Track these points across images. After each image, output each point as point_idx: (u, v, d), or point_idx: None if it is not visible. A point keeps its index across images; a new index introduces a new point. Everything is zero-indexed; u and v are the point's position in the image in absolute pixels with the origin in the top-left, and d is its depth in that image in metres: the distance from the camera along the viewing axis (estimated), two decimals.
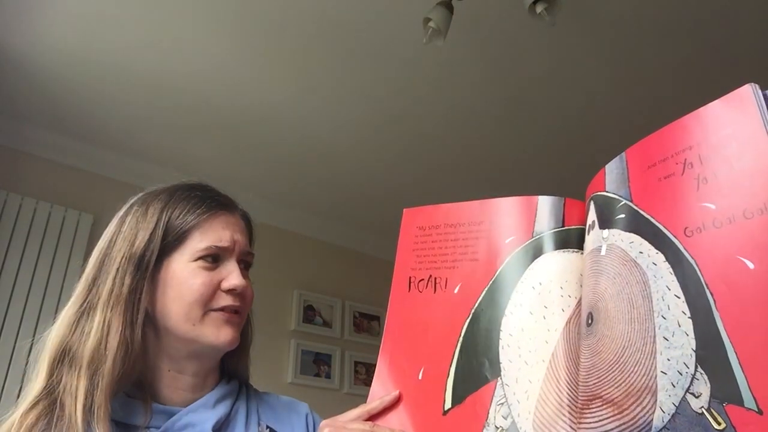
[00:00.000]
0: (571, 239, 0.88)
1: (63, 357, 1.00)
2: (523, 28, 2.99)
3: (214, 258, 1.08)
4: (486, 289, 0.91)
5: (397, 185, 4.49)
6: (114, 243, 1.09)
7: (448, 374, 0.90)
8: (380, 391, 0.96)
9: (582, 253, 0.85)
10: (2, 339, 3.38)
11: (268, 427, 1.14)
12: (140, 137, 3.98)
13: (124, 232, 1.09)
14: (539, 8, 2.45)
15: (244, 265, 1.15)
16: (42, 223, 3.74)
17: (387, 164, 4.27)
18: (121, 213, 1.14)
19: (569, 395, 0.78)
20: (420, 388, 0.92)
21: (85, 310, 1.04)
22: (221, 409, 1.08)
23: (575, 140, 3.94)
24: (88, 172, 4.07)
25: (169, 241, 1.08)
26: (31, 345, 1.09)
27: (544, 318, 0.84)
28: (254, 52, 3.24)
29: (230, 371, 1.19)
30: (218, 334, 1.05)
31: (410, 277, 1.00)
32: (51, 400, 0.97)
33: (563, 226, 0.89)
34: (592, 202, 0.84)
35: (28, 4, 2.93)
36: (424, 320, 0.96)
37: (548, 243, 0.88)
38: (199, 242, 1.08)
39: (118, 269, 1.05)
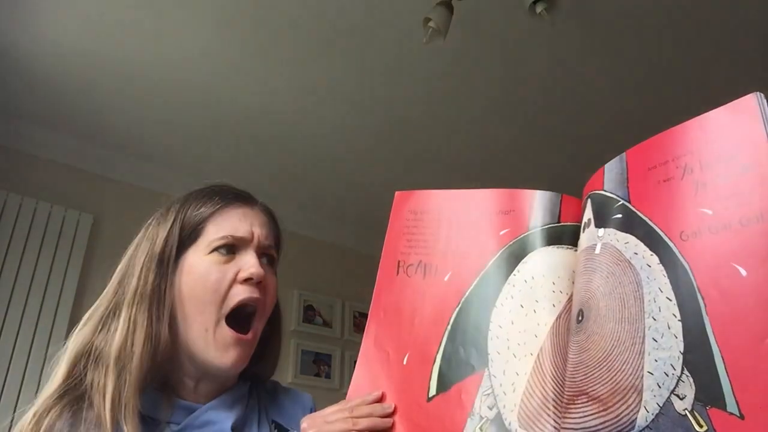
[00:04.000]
0: (565, 235, 0.88)
1: (88, 356, 1.00)
2: (523, 28, 2.99)
3: (229, 249, 1.07)
4: (477, 279, 0.91)
5: (398, 185, 4.40)
6: (139, 246, 1.10)
7: (434, 361, 0.89)
8: (364, 375, 0.96)
9: (575, 250, 0.86)
10: (2, 339, 3.37)
11: (273, 421, 1.14)
12: (140, 137, 3.96)
13: (147, 234, 1.10)
14: (539, 8, 2.47)
15: (267, 260, 1.12)
16: (42, 223, 3.71)
17: (388, 164, 4.27)
18: (147, 222, 1.14)
19: (554, 390, 0.78)
20: (404, 373, 0.92)
21: (111, 310, 1.04)
22: (238, 409, 1.07)
23: (574, 140, 3.95)
24: (88, 172, 4.05)
25: (186, 235, 1.08)
26: (31, 345, 1.08)
27: (535, 312, 0.84)
28: (254, 51, 3.24)
29: (253, 373, 1.17)
30: (223, 356, 1.03)
31: (399, 261, 1.00)
32: (77, 395, 0.97)
33: (558, 222, 0.89)
34: (589, 200, 0.85)
35: (28, 4, 2.92)
36: (412, 306, 0.95)
37: (542, 238, 0.89)
38: (214, 233, 1.07)
39: (142, 268, 1.05)
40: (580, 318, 0.78)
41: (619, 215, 0.78)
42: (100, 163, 4.08)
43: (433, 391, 0.88)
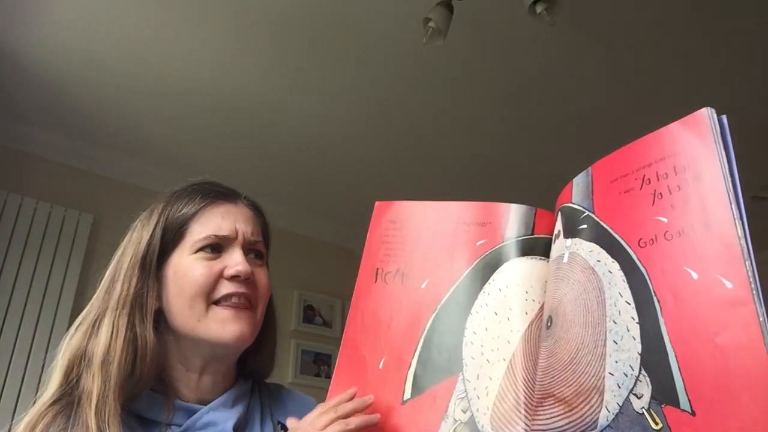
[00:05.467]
0: (538, 247, 0.91)
1: (80, 361, 1.01)
2: (523, 28, 3.00)
3: (214, 248, 1.07)
4: (454, 287, 0.94)
5: (398, 186, 4.49)
6: (125, 251, 1.11)
7: (410, 366, 0.92)
8: (341, 378, 0.99)
9: (548, 261, 0.89)
10: (2, 339, 3.38)
11: (279, 422, 1.14)
12: (140, 137, 3.98)
13: (132, 238, 1.11)
14: (539, 8, 2.47)
15: (255, 255, 1.12)
16: (42, 223, 3.73)
17: (387, 164, 4.28)
18: (133, 224, 1.15)
19: (526, 393, 0.81)
20: (380, 377, 0.95)
21: (99, 316, 1.05)
22: (240, 408, 1.08)
23: (573, 140, 3.96)
24: (88, 172, 4.07)
25: (170, 238, 1.08)
26: (31, 345, 1.10)
27: (508, 319, 0.88)
28: (254, 51, 3.26)
29: (252, 369, 1.18)
30: (224, 329, 1.03)
31: (378, 269, 1.03)
32: (70, 400, 0.98)
33: (532, 234, 0.93)
34: (559, 213, 0.89)
35: (28, 4, 2.93)
36: (389, 312, 0.98)
37: (517, 249, 0.92)
38: (198, 234, 1.07)
39: (126, 273, 1.06)
40: (549, 324, 0.82)
41: (585, 225, 0.82)
42: (100, 163, 4.09)
43: (407, 395, 0.91)
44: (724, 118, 0.72)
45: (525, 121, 3.80)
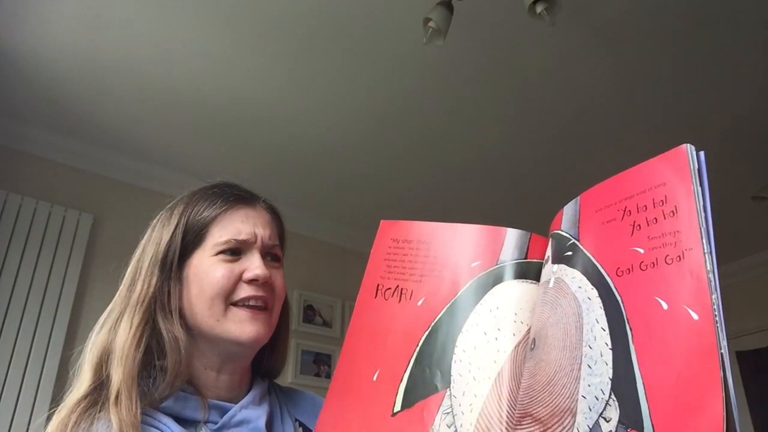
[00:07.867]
0: (531, 271, 0.95)
1: (107, 359, 1.05)
2: (523, 28, 3.03)
3: (234, 252, 1.10)
4: (448, 306, 0.98)
5: (397, 186, 4.53)
6: (145, 250, 1.14)
7: (402, 379, 0.96)
8: (337, 386, 1.03)
9: (538, 285, 0.93)
10: (2, 339, 3.41)
11: (297, 420, 1.18)
12: (140, 137, 4.02)
13: (152, 237, 1.14)
14: (539, 8, 2.49)
15: (272, 258, 1.17)
16: (42, 223, 3.77)
17: (387, 165, 4.31)
18: (152, 222, 1.18)
19: (508, 412, 0.84)
20: (373, 388, 0.98)
21: (120, 314, 1.09)
22: (266, 407, 1.12)
23: (574, 140, 3.97)
24: (88, 172, 4.12)
25: (190, 240, 1.11)
26: (31, 345, 1.11)
27: (496, 339, 0.91)
28: (254, 50, 3.30)
29: (266, 368, 1.22)
30: (242, 329, 1.06)
31: (378, 285, 1.07)
32: (100, 395, 1.01)
33: (526, 258, 0.96)
34: (551, 239, 0.92)
35: (28, 4, 2.99)
36: (386, 327, 1.02)
37: (510, 272, 0.95)
38: (218, 237, 1.10)
39: (146, 272, 1.10)
40: (533, 346, 0.85)
41: (570, 252, 0.85)
42: (100, 163, 4.14)
43: (398, 407, 0.94)
44: (702, 154, 0.75)
45: (526, 120, 3.81)
